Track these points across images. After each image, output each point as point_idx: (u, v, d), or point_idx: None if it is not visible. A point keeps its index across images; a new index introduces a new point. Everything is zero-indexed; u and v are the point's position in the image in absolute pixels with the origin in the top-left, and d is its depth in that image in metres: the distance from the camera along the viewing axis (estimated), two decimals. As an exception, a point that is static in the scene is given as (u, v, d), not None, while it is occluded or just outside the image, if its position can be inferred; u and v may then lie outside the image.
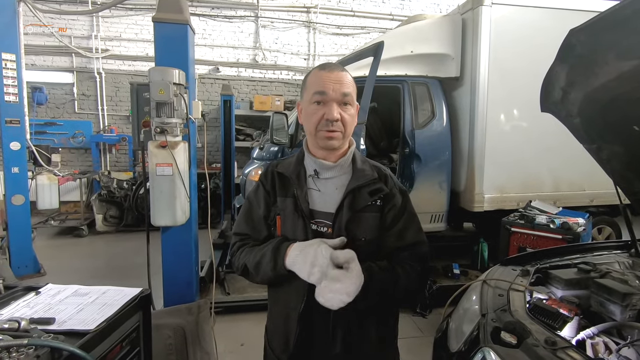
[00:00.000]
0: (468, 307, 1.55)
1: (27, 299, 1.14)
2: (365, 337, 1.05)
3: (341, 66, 1.06)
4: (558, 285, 1.55)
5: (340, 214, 1.00)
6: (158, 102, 2.03)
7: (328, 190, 1.06)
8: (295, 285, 1.00)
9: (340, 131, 1.01)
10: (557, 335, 1.14)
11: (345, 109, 1.01)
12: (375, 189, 1.04)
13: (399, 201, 1.07)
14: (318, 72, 1.02)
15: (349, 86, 1.01)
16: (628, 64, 1.13)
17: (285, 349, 1.06)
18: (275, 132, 3.20)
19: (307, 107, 1.02)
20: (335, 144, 1.02)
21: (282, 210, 1.06)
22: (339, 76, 1.00)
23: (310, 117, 1.01)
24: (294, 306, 1.02)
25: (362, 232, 1.01)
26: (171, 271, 2.41)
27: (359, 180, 1.03)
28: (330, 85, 0.98)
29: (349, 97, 1.01)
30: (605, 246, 1.91)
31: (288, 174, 1.08)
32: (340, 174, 1.07)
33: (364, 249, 0.99)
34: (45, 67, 7.00)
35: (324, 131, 1.00)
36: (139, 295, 1.20)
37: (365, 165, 1.09)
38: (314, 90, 1.00)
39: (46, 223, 5.78)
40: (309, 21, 7.79)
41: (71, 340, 0.93)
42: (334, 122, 0.99)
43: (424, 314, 3.35)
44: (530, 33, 3.54)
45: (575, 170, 3.77)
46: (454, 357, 1.36)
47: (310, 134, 1.05)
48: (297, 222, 1.03)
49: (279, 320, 1.09)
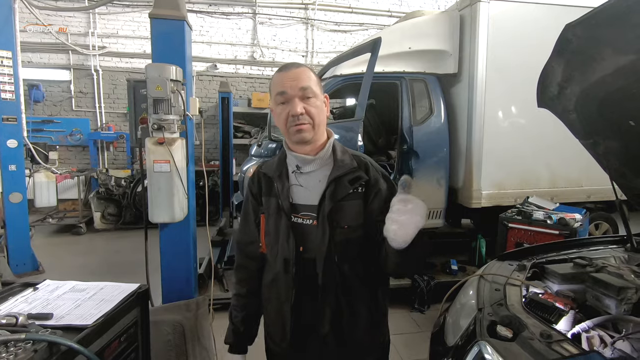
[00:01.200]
0: (465, 301, 1.56)
1: (25, 294, 1.15)
2: (356, 316, 1.10)
3: (299, 63, 1.11)
4: (554, 280, 1.56)
5: (323, 205, 1.04)
6: (155, 98, 2.02)
7: (311, 184, 1.10)
8: (284, 281, 1.08)
9: (308, 123, 1.05)
10: (553, 329, 1.15)
11: (308, 102, 1.04)
12: (355, 177, 1.07)
13: (383, 186, 1.10)
14: (277, 75, 1.07)
15: (306, 80, 1.04)
16: (624, 59, 1.13)
17: (283, 338, 1.11)
18: (273, 129, 3.20)
19: (275, 108, 1.09)
20: (306, 136, 1.06)
21: (266, 209, 1.13)
22: (295, 73, 1.04)
23: (279, 117, 1.07)
24: (285, 299, 1.08)
25: (345, 220, 1.05)
26: (170, 268, 2.41)
27: (339, 170, 1.07)
28: (287, 84, 1.03)
29: (308, 89, 1.04)
30: (601, 241, 1.92)
31: (270, 174, 1.13)
32: (322, 166, 1.11)
33: (348, 235, 1.05)
34: (42, 65, 6.97)
35: (293, 126, 1.04)
36: (136, 291, 1.21)
37: (345, 155, 1.12)
38: (275, 92, 1.06)
39: (44, 221, 5.77)
40: (307, 18, 7.76)
41: (69, 335, 0.93)
42: (299, 115, 1.03)
43: (422, 309, 3.37)
44: (528, 29, 3.53)
45: (572, 167, 3.78)
46: (450, 351, 1.37)
47: (284, 133, 1.10)
48: (279, 220, 1.08)
49: (273, 314, 1.15)
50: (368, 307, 1.12)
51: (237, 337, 1.20)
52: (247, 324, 1.22)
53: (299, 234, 1.07)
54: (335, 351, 1.09)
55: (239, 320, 1.20)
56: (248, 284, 1.21)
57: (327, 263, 1.04)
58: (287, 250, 1.06)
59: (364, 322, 1.11)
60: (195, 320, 2.39)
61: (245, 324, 1.21)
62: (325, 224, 1.03)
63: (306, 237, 1.07)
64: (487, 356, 1.11)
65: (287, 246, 1.06)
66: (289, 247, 1.06)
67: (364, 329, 1.12)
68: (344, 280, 1.07)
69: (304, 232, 1.07)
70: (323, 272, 1.04)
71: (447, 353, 1.39)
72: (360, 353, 1.14)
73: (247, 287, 1.21)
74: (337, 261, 1.05)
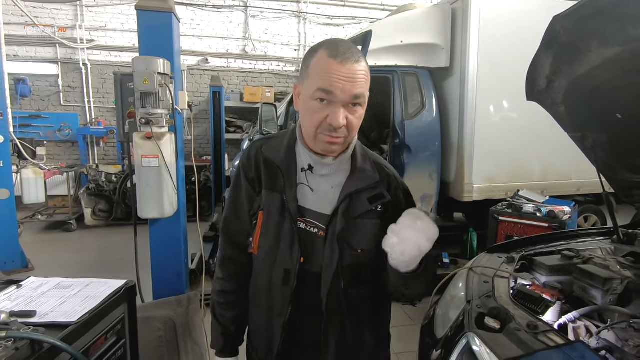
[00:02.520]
0: (455, 294, 1.57)
1: (8, 292, 1.12)
2: (361, 341, 0.99)
3: (357, 52, 0.84)
4: (542, 272, 1.58)
5: (335, 221, 0.90)
6: (142, 92, 1.99)
7: (322, 189, 0.93)
8: (281, 294, 0.94)
9: (344, 137, 0.86)
10: (539, 320, 1.16)
11: (353, 110, 0.84)
12: (376, 195, 0.92)
13: (403, 206, 0.94)
14: (327, 61, 0.81)
15: (362, 85, 0.82)
16: (610, 51, 1.14)
17: (268, 353, 0.99)
18: (265, 124, 3.18)
19: (308, 100, 0.85)
20: (336, 149, 0.89)
21: (266, 206, 0.94)
22: (352, 71, 0.80)
23: (311, 115, 0.85)
24: (279, 312, 0.94)
25: (359, 242, 0.91)
26: (160, 263, 2.39)
27: (358, 183, 0.91)
28: (339, 85, 0.80)
29: (361, 98, 0.84)
30: (589, 233, 1.95)
31: (277, 163, 0.94)
32: (338, 170, 0.94)
33: (360, 260, 0.92)
34: (28, 58, 6.82)
35: (325, 135, 0.85)
36: (123, 287, 1.19)
37: (367, 163, 0.95)
38: (318, 86, 0.81)
39: (33, 218, 5.69)
40: (299, 11, 7.69)
41: (53, 332, 0.91)
42: (339, 129, 0.83)
43: (414, 303, 3.40)
44: (519, 23, 3.54)
45: (562, 160, 3.82)
46: (439, 343, 1.39)
47: (308, 133, 0.89)
48: (282, 223, 0.92)
49: (260, 324, 1.01)
50: (373, 330, 1.03)
51: (227, 338, 1.07)
52: (239, 324, 1.08)
53: (302, 240, 0.92)
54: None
55: (228, 320, 1.06)
56: (238, 280, 1.05)
57: (333, 287, 0.91)
58: (290, 260, 0.92)
59: (368, 346, 1.01)
60: (186, 315, 2.38)
61: (236, 324, 1.07)
62: (334, 243, 0.89)
63: (310, 247, 0.92)
64: (475, 347, 1.12)
65: (290, 255, 0.91)
66: (292, 257, 0.91)
67: (368, 353, 1.02)
68: (350, 305, 0.94)
69: (309, 240, 0.92)
70: (327, 296, 0.91)
71: (437, 345, 1.40)
72: None
73: (237, 282, 1.05)
74: (344, 286, 0.92)
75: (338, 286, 0.91)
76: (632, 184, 1.65)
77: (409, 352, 2.69)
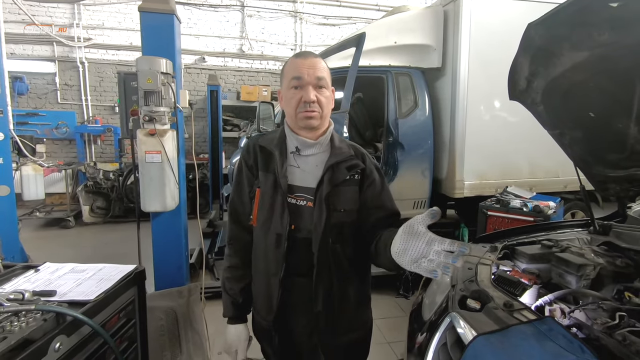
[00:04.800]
0: (440, 281, 1.68)
1: (27, 275, 1.22)
2: (345, 296, 1.16)
3: (314, 53, 1.17)
4: (522, 260, 1.69)
5: (321, 188, 1.10)
6: (146, 90, 2.07)
7: (308, 167, 1.15)
8: (275, 256, 1.12)
9: (317, 111, 1.10)
10: (515, 300, 1.27)
11: (320, 91, 1.10)
12: (352, 165, 1.14)
13: (376, 177, 1.18)
14: (294, 60, 1.12)
15: (322, 71, 1.10)
16: (580, 55, 1.25)
17: (269, 311, 1.16)
18: (262, 122, 3.27)
19: (286, 92, 1.12)
20: (314, 122, 1.11)
21: (262, 184, 1.15)
22: (312, 62, 1.10)
23: (290, 100, 1.11)
24: (274, 272, 1.12)
25: (341, 204, 1.12)
26: (162, 255, 2.48)
27: (337, 156, 1.13)
28: (305, 71, 1.08)
29: (323, 80, 1.10)
30: (569, 225, 2.07)
31: (270, 148, 1.15)
32: (320, 151, 1.16)
33: (343, 219, 1.12)
34: (25, 56, 6.84)
35: (303, 112, 1.09)
36: (133, 271, 1.29)
37: (342, 143, 1.19)
38: (291, 76, 1.09)
39: (31, 215, 5.74)
40: (295, 11, 7.78)
41: (73, 309, 1.01)
42: (311, 103, 1.08)
43: (407, 295, 3.51)
44: (509, 25, 3.62)
45: (550, 158, 3.94)
46: (426, 325, 1.49)
47: (291, 116, 1.14)
48: (275, 197, 1.12)
49: (261, 286, 1.19)
50: (356, 288, 1.20)
51: (237, 307, 1.23)
52: (245, 294, 1.24)
53: (292, 212, 1.11)
54: (323, 328, 1.14)
55: (236, 292, 1.23)
56: (243, 255, 1.24)
57: (323, 243, 1.09)
58: (280, 226, 1.10)
59: (352, 302, 1.19)
60: (187, 306, 2.47)
61: (242, 295, 1.24)
62: (322, 205, 1.09)
63: (299, 217, 1.11)
64: (457, 327, 1.23)
65: (281, 222, 1.10)
66: (282, 223, 1.10)
67: (352, 308, 1.19)
68: (337, 260, 1.12)
69: (298, 211, 1.11)
70: (318, 251, 1.09)
71: (423, 327, 1.51)
72: (347, 330, 1.20)
73: (242, 258, 1.24)
74: (332, 242, 1.10)
75: (327, 242, 1.10)
76: (606, 178, 1.77)
77: (401, 342, 2.81)
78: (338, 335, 1.18)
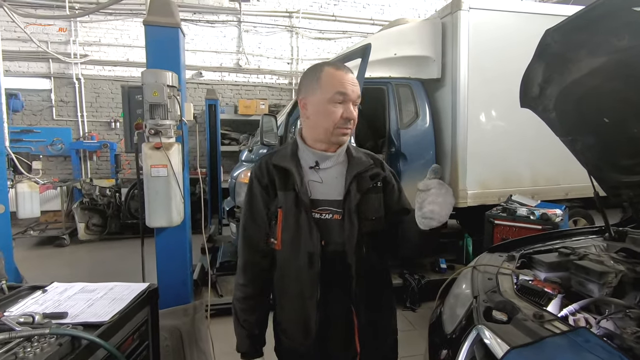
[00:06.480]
0: (459, 292, 1.63)
1: (35, 297, 1.15)
2: (383, 302, 1.19)
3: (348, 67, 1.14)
4: (541, 268, 1.66)
5: (349, 198, 1.08)
6: (152, 104, 2.04)
7: (329, 179, 1.12)
8: (309, 277, 1.07)
9: (351, 129, 1.11)
10: (544, 310, 1.23)
11: (355, 108, 1.10)
12: (375, 173, 1.15)
13: (394, 182, 1.22)
14: (335, 73, 1.07)
15: (358, 89, 1.10)
16: (597, 60, 1.25)
17: (307, 335, 1.10)
18: (265, 134, 3.24)
19: (324, 105, 1.06)
20: (346, 139, 1.13)
21: (283, 203, 1.08)
22: (353, 80, 1.09)
23: (330, 115, 1.06)
24: (309, 295, 1.07)
25: (372, 212, 1.12)
26: (166, 272, 2.40)
27: (359, 166, 1.13)
28: (350, 87, 1.06)
29: (359, 99, 1.11)
30: (582, 232, 2.05)
31: (286, 165, 1.11)
32: (337, 163, 1.15)
33: (375, 227, 1.12)
34: (20, 73, 6.80)
35: (342, 128, 1.08)
36: (146, 290, 1.23)
37: (359, 153, 1.19)
38: (335, 91, 1.05)
39: (25, 233, 5.60)
40: (291, 26, 7.88)
41: (87, 331, 0.95)
42: (351, 121, 1.08)
43: (414, 308, 3.45)
44: (506, 36, 3.72)
45: (551, 166, 3.97)
46: (449, 338, 1.44)
47: (326, 130, 1.08)
48: (299, 215, 1.07)
49: (293, 311, 1.12)
50: (389, 296, 1.23)
51: (253, 340, 1.15)
52: (261, 326, 1.17)
53: (320, 227, 1.06)
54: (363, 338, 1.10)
55: (251, 324, 1.15)
56: (260, 283, 1.16)
57: (358, 254, 1.07)
58: (311, 244, 1.05)
59: (387, 307, 1.22)
60: (192, 324, 2.38)
61: (259, 326, 1.16)
62: (353, 216, 1.06)
63: (327, 231, 1.07)
64: (485, 339, 1.18)
65: (311, 240, 1.05)
66: (313, 240, 1.05)
67: (388, 313, 1.23)
68: (373, 269, 1.13)
69: (325, 226, 1.08)
70: (355, 262, 1.07)
71: (446, 340, 1.46)
72: (385, 336, 1.21)
73: (257, 287, 1.16)
74: (366, 251, 1.09)
75: (362, 251, 1.08)
76: (619, 184, 1.76)
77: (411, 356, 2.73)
78: (378, 342, 1.18)
